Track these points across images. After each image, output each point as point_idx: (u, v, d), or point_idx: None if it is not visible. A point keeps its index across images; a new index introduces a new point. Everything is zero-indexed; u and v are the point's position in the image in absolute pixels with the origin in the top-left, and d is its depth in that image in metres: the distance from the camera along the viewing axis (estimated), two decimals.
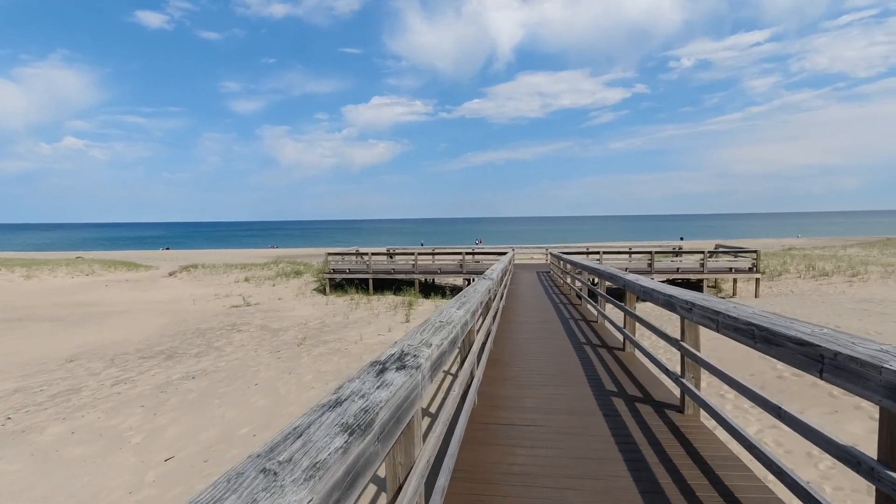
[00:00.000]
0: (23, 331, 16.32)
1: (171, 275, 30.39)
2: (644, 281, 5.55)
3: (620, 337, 7.25)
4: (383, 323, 14.78)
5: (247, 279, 26.46)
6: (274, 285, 25.02)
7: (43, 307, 20.39)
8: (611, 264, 22.43)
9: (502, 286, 10.28)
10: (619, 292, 7.19)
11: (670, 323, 12.15)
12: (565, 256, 14.87)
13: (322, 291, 22.74)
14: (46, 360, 12.41)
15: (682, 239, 66.80)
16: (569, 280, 14.35)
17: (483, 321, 5.78)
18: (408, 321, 14.79)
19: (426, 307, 17.32)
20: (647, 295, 5.07)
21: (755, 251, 21.37)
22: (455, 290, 22.05)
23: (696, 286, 21.47)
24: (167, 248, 68.08)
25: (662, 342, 8.83)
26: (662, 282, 7.88)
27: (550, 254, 20.40)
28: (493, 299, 6.68)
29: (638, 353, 6.57)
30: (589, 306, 10.63)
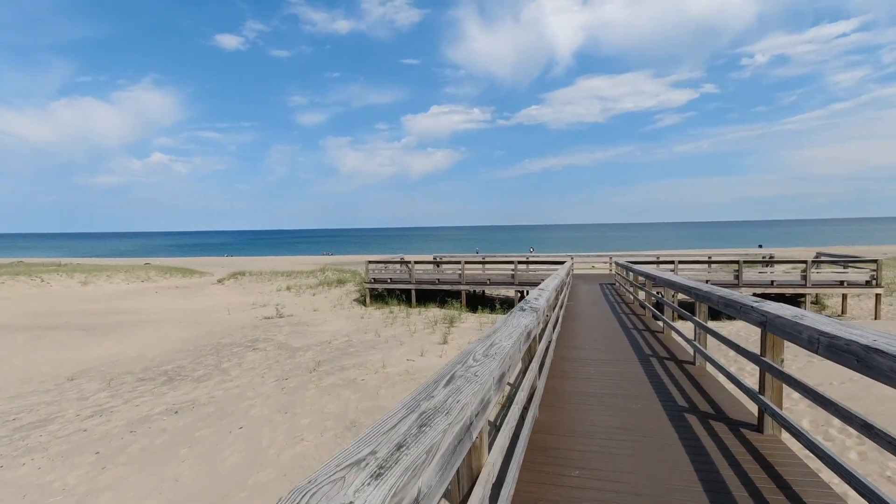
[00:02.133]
0: (49, 340, 15.69)
1: (219, 282, 30.06)
2: (817, 322, 2.98)
3: (753, 408, 4.61)
4: (417, 344, 12.63)
5: (288, 288, 25.36)
6: (314, 294, 23.69)
7: (82, 314, 20.07)
8: (686, 275, 19.15)
9: (558, 307, 7.83)
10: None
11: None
12: (637, 267, 12.08)
13: (362, 302, 21.04)
14: (48, 377, 11.32)
15: (760, 246, 60.31)
16: (642, 296, 11.56)
17: (523, 374, 3.56)
18: (445, 342, 12.55)
19: (469, 324, 15.01)
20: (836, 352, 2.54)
21: (875, 260, 17.25)
22: (506, 303, 19.57)
23: (792, 302, 17.66)
24: (229, 255, 70.19)
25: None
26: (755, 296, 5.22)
27: (616, 263, 17.45)
28: (539, 337, 4.31)
29: (785, 435, 3.93)
30: (675, 335, 7.94)
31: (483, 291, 22.05)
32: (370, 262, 21.56)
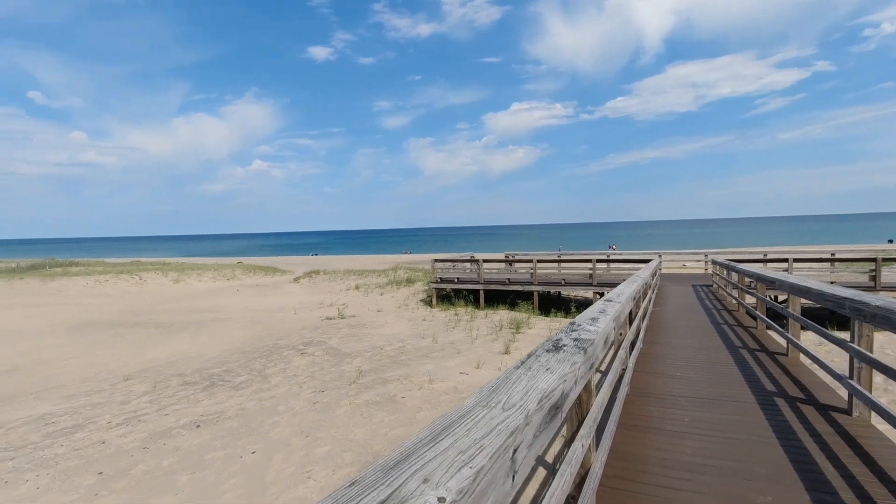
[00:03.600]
0: (128, 337, 16.30)
1: (295, 280, 30.69)
2: None
3: None
4: (476, 353, 11.16)
5: (357, 287, 25.03)
6: (381, 294, 23.06)
7: (166, 312, 20.99)
8: (803, 276, 15.84)
9: (638, 318, 6.00)
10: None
11: None
12: (743, 267, 9.67)
13: (428, 303, 19.96)
14: (108, 377, 11.37)
15: (891, 241, 51.32)
16: (749, 301, 9.15)
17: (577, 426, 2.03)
18: (507, 352, 10.95)
19: (538, 330, 13.23)
20: None
21: None
22: (583, 305, 17.43)
23: None
24: (315, 254, 73.21)
25: None
26: None
27: (713, 262, 14.69)
28: (592, 388, 2.65)
29: None
30: (806, 360, 5.77)
31: (559, 293, 20.02)
32: (436, 260, 20.41)
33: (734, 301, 11.37)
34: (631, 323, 5.27)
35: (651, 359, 6.10)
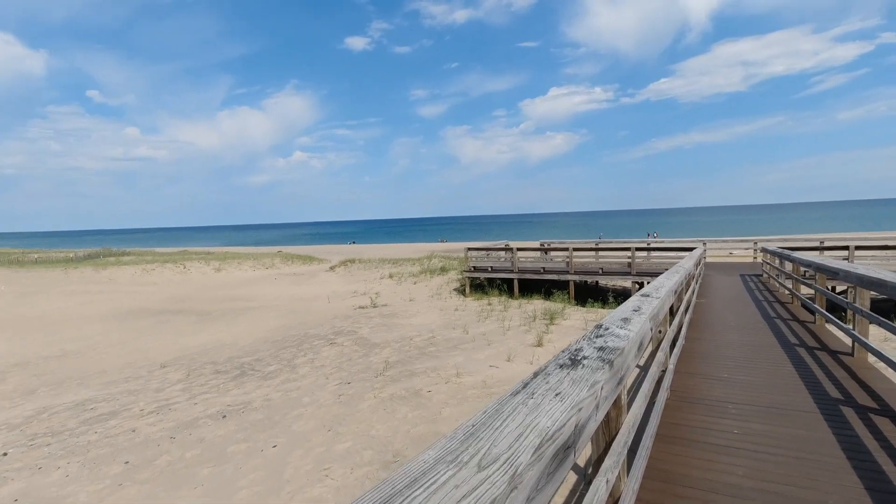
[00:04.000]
0: (169, 325, 16.81)
1: (331, 269, 31.03)
2: None
3: None
4: (507, 345, 10.78)
5: (391, 276, 25.00)
6: (415, 283, 22.91)
7: (206, 300, 21.59)
8: (866, 264, 14.52)
9: (681, 311, 5.46)
10: None
11: None
12: (798, 255, 8.83)
13: (462, 292, 19.66)
14: (147, 363, 11.68)
15: None
16: (805, 293, 8.30)
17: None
18: (539, 345, 10.50)
19: (573, 322, 12.67)
20: None
21: None
22: (621, 295, 16.68)
23: None
24: (353, 243, 74.24)
25: None
26: None
27: (764, 250, 13.60)
28: (621, 407, 2.24)
29: None
30: (875, 360, 5.09)
31: (596, 282, 19.28)
32: (469, 248, 20.03)
33: (787, 292, 10.49)
34: (672, 318, 4.75)
35: (694, 357, 5.55)
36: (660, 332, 4.05)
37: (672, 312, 4.89)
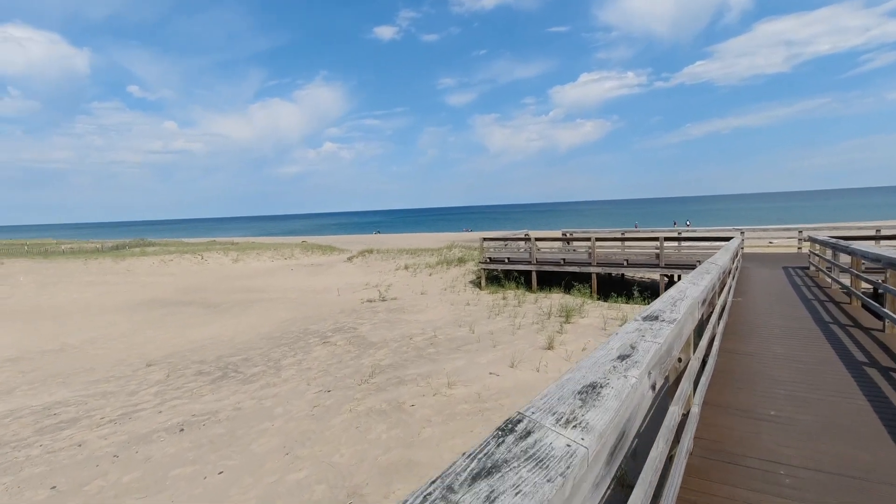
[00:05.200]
0: (175, 317, 16.37)
1: (349, 259, 30.40)
2: None
3: None
4: (514, 347, 9.63)
5: (406, 267, 24.08)
6: (430, 275, 21.92)
7: (219, 291, 21.19)
8: None
9: (714, 320, 4.23)
10: None
11: None
12: (857, 247, 7.37)
13: (477, 285, 18.55)
14: (136, 361, 11.10)
15: None
16: (863, 289, 6.82)
17: None
18: (550, 347, 9.30)
19: (591, 320, 11.37)
20: None
21: None
22: (648, 289, 15.21)
23: None
24: (377, 232, 73.90)
25: None
26: None
27: (812, 240, 11.88)
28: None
29: None
30: None
31: (622, 275, 17.79)
32: (485, 239, 18.84)
33: (840, 289, 8.94)
34: (700, 337, 3.54)
35: (730, 382, 4.28)
36: (680, 360, 2.87)
37: (700, 327, 3.68)
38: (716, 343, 4.65)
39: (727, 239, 12.30)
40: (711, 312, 4.55)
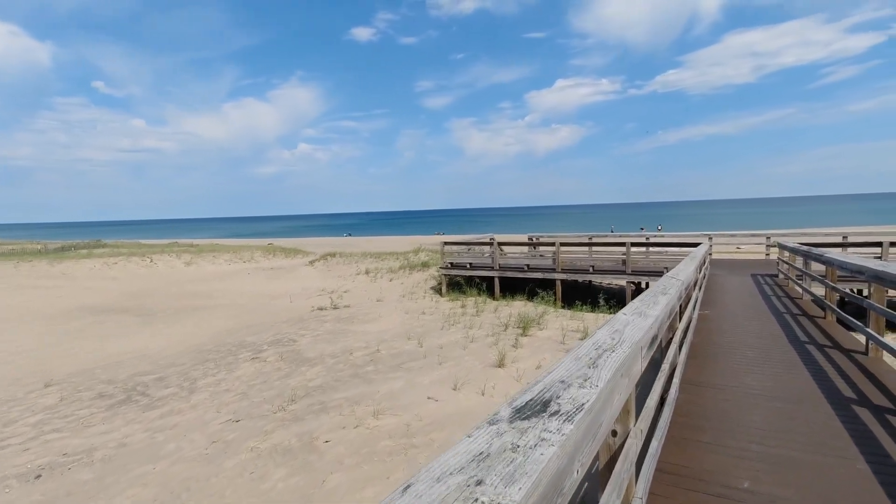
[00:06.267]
0: (103, 327, 14.84)
1: (310, 263, 29.03)
2: None
3: None
4: (463, 364, 8.64)
5: (367, 272, 22.91)
6: (391, 280, 20.82)
7: (161, 297, 19.63)
8: None
9: (671, 352, 3.30)
10: None
11: None
12: (832, 255, 6.70)
13: (439, 291, 17.55)
14: (37, 380, 9.68)
15: None
16: (830, 298, 6.08)
17: None
18: (501, 365, 8.34)
19: (549, 333, 10.47)
20: None
21: None
22: (614, 297, 14.45)
23: None
24: (349, 235, 72.29)
25: None
26: None
27: (781, 246, 11.32)
28: None
29: None
30: None
31: (589, 281, 17.05)
32: (446, 243, 17.88)
33: (812, 300, 8.28)
34: (647, 399, 2.58)
35: (692, 437, 3.33)
36: (614, 434, 1.91)
37: (662, 350, 2.74)
38: (677, 376, 3.74)
39: (695, 245, 11.62)
40: (671, 338, 3.64)
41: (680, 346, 3.91)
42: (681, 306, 4.52)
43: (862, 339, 5.46)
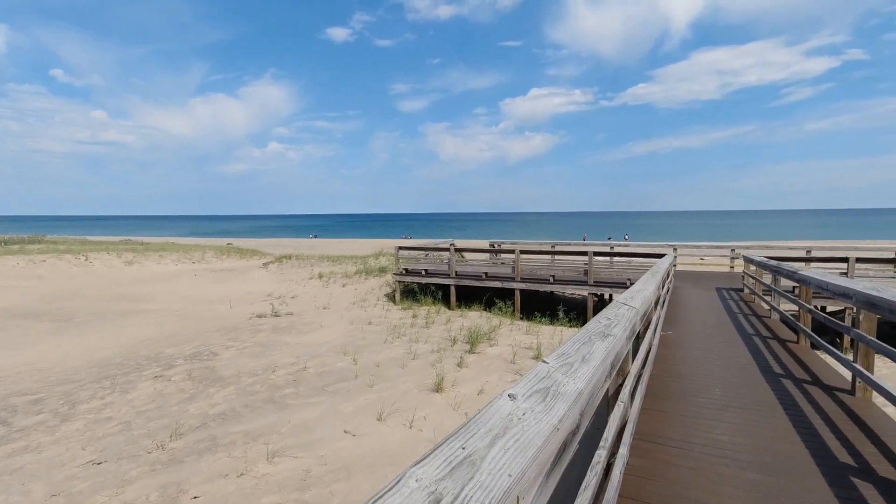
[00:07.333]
0: (8, 333, 13.09)
1: (264, 266, 27.40)
2: None
3: None
4: (397, 388, 7.53)
5: (320, 276, 21.54)
6: (344, 286, 19.52)
7: (87, 299, 17.79)
8: (870, 279, 12.02)
9: (626, 389, 2.29)
10: None
11: None
12: (807, 273, 5.95)
13: (393, 298, 16.39)
14: None
15: None
16: (792, 316, 5.28)
17: None
18: (439, 390, 7.27)
19: (499, 350, 9.47)
20: None
21: None
22: (575, 309, 13.59)
23: None
24: (314, 236, 70.29)
25: None
26: None
27: (746, 259, 10.75)
28: None
29: None
30: None
31: (551, 291, 16.21)
32: (401, 248, 16.74)
33: (780, 320, 7.56)
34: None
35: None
36: None
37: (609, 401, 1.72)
38: (628, 431, 2.74)
39: (660, 256, 10.86)
40: (620, 386, 2.65)
41: (632, 395, 2.92)
42: (642, 328, 3.58)
43: (845, 372, 4.63)
